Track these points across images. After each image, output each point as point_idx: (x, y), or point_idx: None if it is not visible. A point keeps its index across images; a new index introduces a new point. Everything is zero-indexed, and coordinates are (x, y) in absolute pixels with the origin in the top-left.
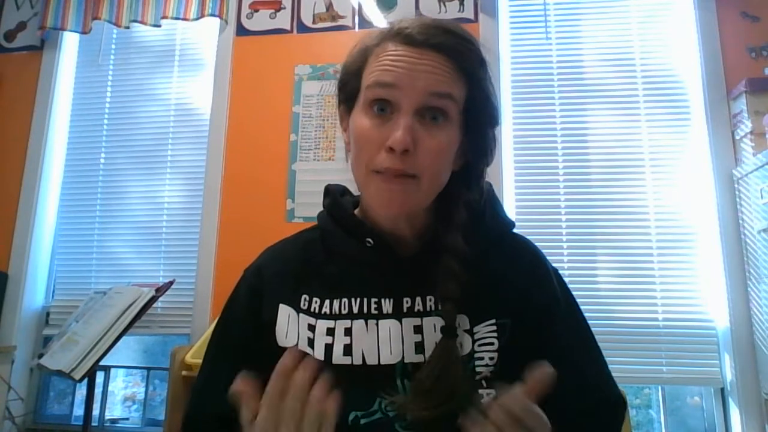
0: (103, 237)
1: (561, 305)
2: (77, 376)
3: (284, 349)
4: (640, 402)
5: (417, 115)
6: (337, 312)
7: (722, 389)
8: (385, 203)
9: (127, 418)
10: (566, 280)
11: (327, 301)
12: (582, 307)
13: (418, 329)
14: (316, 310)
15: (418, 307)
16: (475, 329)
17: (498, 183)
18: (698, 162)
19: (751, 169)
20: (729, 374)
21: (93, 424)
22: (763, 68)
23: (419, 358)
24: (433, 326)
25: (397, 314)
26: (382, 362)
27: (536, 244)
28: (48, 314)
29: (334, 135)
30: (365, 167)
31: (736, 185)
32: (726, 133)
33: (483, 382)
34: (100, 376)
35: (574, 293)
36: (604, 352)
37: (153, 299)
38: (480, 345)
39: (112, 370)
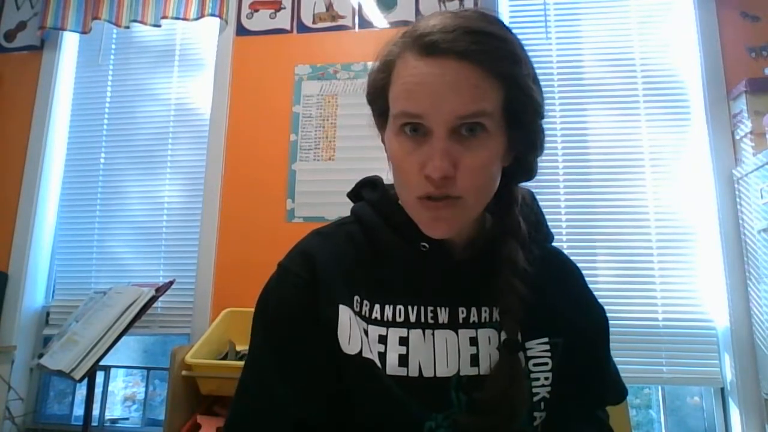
0: (103, 237)
1: (601, 326)
2: (77, 376)
3: (348, 356)
4: (640, 402)
5: (451, 134)
6: (390, 319)
7: (722, 389)
8: (431, 228)
9: (127, 418)
10: None
11: (377, 306)
12: None
13: (473, 341)
14: (367, 314)
15: (473, 318)
16: (527, 345)
17: None
18: (698, 162)
19: (751, 169)
20: (729, 374)
21: (93, 424)
22: (763, 68)
23: (474, 371)
24: (487, 338)
25: (453, 325)
26: (438, 375)
27: None
28: (48, 314)
29: (334, 135)
30: (409, 193)
31: (736, 185)
32: (726, 133)
33: (542, 404)
34: (100, 376)
35: None
36: None
37: (153, 299)
38: (535, 365)
39: (112, 370)
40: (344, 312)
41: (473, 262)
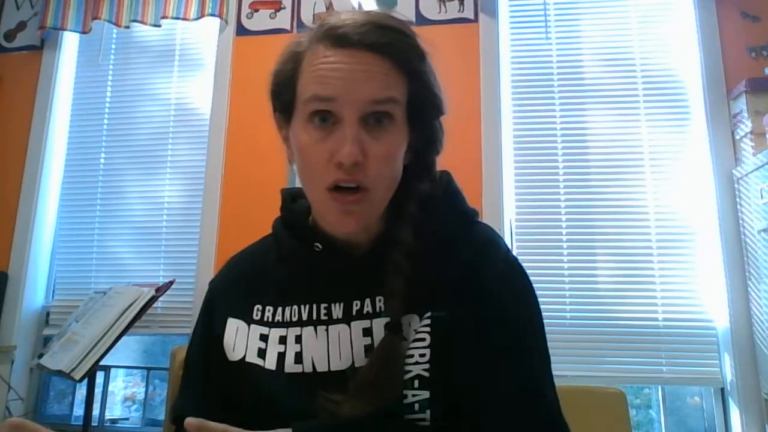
0: (103, 237)
1: (494, 295)
2: (77, 376)
3: (233, 363)
4: (640, 402)
5: (361, 122)
6: (289, 319)
7: (722, 389)
8: (341, 223)
9: (127, 418)
10: (566, 280)
11: (279, 309)
12: (582, 307)
13: (367, 332)
14: (269, 319)
15: (368, 308)
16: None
17: (498, 183)
18: (698, 162)
19: (751, 169)
20: (729, 374)
21: (93, 424)
22: (763, 68)
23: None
24: (382, 328)
25: (347, 318)
26: (332, 368)
27: (535, 243)
28: (48, 314)
29: None
30: (317, 185)
31: (736, 185)
32: (726, 133)
33: (415, 382)
34: (100, 376)
35: (573, 293)
36: (603, 352)
37: (153, 299)
38: (412, 342)
39: (112, 370)
40: (232, 324)
41: (369, 255)
